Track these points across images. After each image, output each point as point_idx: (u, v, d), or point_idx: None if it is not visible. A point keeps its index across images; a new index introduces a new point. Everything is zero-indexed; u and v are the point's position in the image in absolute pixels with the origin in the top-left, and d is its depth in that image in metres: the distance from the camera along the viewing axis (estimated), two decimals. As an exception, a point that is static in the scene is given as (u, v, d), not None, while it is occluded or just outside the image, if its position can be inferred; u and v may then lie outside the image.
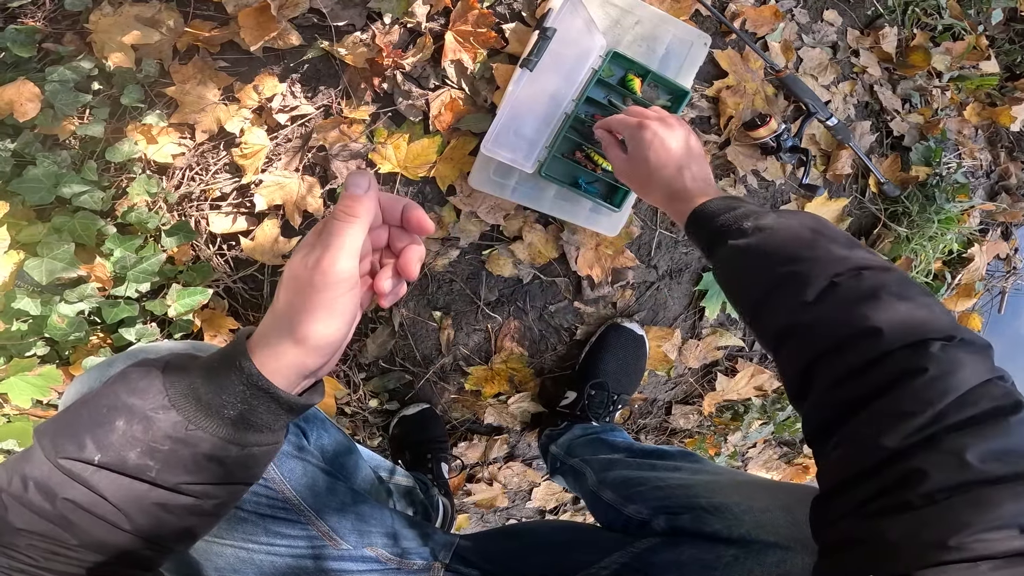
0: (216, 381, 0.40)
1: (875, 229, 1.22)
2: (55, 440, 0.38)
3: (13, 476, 0.38)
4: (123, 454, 0.38)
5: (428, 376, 1.11)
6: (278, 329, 0.40)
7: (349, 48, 0.87)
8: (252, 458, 0.42)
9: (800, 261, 0.50)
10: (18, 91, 0.77)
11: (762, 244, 0.54)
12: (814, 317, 0.46)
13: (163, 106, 0.88)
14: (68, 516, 0.37)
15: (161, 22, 0.81)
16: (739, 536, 0.54)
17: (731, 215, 0.60)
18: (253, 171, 0.90)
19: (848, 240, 0.53)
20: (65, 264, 0.86)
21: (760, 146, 1.06)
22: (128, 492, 0.38)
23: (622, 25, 0.90)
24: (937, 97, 1.19)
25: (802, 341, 0.47)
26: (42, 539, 0.38)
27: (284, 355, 0.40)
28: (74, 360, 0.95)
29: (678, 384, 1.25)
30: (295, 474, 0.61)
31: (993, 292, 1.40)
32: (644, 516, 0.66)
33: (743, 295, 0.57)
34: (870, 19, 1.15)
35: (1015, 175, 1.34)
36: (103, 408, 0.39)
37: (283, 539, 0.59)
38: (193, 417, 0.39)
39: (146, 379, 0.40)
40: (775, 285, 0.51)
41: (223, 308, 1.00)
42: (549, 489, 1.31)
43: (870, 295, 0.44)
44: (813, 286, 0.47)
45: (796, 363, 0.47)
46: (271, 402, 0.40)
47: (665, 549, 0.60)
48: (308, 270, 0.39)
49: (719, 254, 0.60)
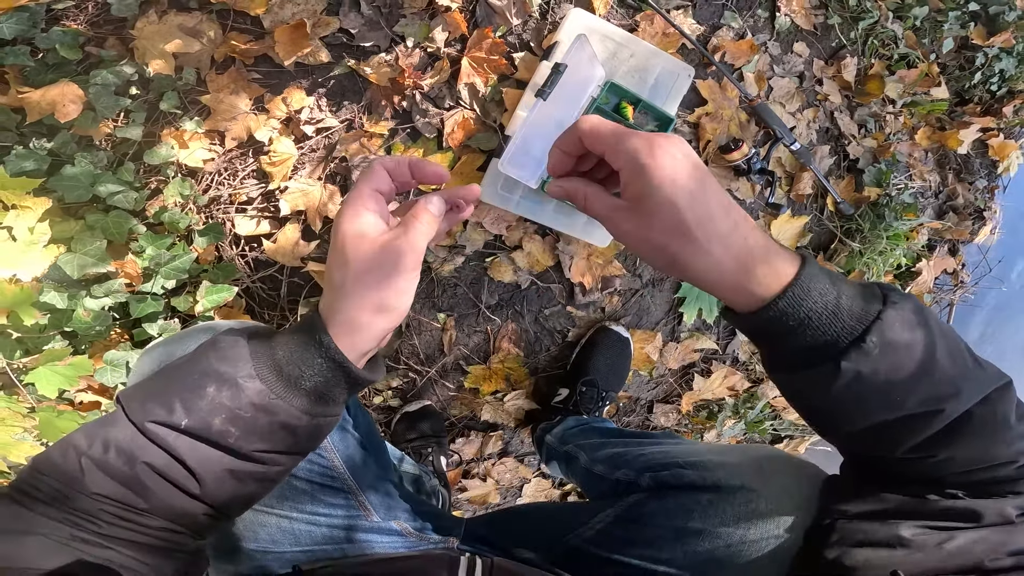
0: (298, 354, 0.42)
1: (832, 244, 1.36)
2: (144, 404, 0.40)
3: (95, 440, 0.40)
4: (209, 420, 0.40)
5: (430, 375, 1.19)
6: (355, 300, 0.42)
7: (374, 67, 0.96)
8: (318, 428, 0.45)
9: (929, 396, 0.40)
10: (62, 92, 0.82)
11: (888, 372, 0.39)
12: (948, 451, 0.42)
13: (197, 113, 0.95)
14: (143, 479, 0.39)
15: (202, 32, 0.88)
16: (712, 483, 0.61)
17: (845, 319, 0.40)
18: (281, 178, 0.97)
19: (959, 346, 0.43)
20: (96, 259, 0.91)
21: (733, 168, 1.19)
22: (206, 457, 0.40)
23: (618, 58, 1.02)
24: (890, 122, 1.35)
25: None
26: (113, 503, 0.39)
27: (363, 327, 0.42)
28: (92, 355, 0.98)
29: (659, 384, 1.35)
30: (341, 444, 0.65)
31: (942, 304, 1.56)
32: (631, 477, 0.72)
33: (842, 421, 0.44)
34: (834, 50, 1.30)
35: (962, 195, 1.49)
36: (195, 374, 0.41)
37: (326, 507, 0.63)
38: (275, 387, 0.41)
39: (235, 348, 0.42)
40: (898, 419, 0.41)
41: (240, 307, 1.05)
42: (538, 485, 1.38)
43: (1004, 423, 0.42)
44: (941, 421, 0.41)
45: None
46: (344, 376, 0.43)
47: (651, 500, 0.66)
48: (392, 244, 0.43)
49: (818, 372, 0.41)
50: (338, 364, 0.42)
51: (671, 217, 0.39)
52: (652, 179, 0.39)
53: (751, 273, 0.40)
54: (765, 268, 0.40)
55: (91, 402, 0.98)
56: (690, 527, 0.60)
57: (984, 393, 0.41)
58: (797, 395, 0.46)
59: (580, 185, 0.46)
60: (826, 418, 0.46)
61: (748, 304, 0.41)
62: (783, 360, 0.44)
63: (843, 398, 0.41)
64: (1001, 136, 1.52)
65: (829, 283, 0.40)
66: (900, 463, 0.44)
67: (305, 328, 0.43)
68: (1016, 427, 0.42)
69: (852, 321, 0.39)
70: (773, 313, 0.40)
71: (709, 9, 1.16)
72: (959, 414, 0.40)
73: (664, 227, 0.40)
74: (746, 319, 0.42)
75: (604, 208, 0.44)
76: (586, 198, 0.45)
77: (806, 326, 0.40)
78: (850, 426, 0.43)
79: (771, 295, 0.40)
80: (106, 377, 0.93)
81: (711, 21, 1.16)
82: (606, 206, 0.44)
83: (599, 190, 0.45)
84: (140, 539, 0.40)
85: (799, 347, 0.41)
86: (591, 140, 0.43)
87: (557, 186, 0.48)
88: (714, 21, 1.17)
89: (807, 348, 0.40)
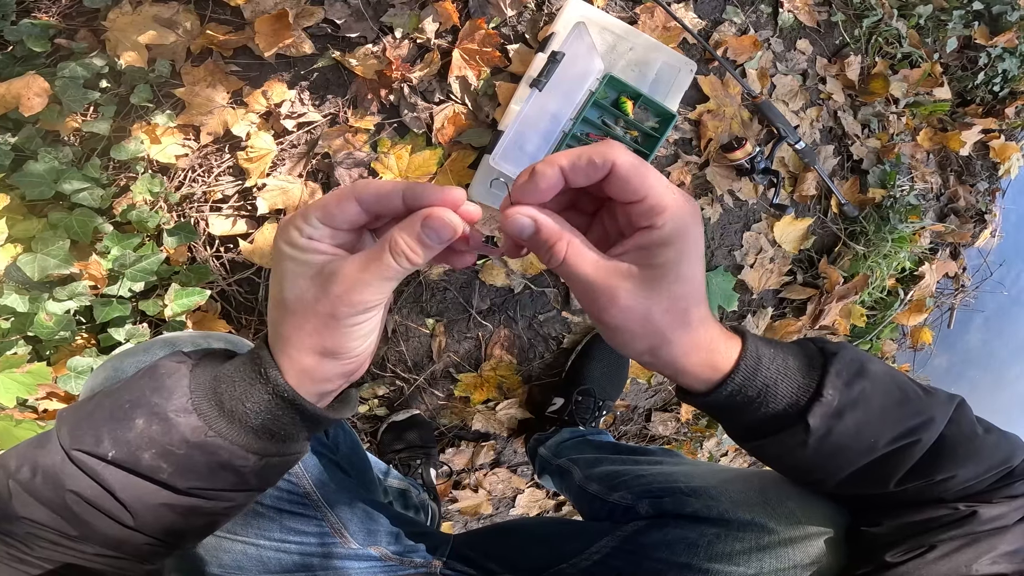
0: (242, 388, 0.37)
1: (836, 247, 1.32)
2: (73, 431, 0.37)
3: (23, 463, 0.37)
4: (137, 454, 0.36)
5: (419, 382, 1.13)
6: (295, 345, 0.36)
7: (360, 59, 0.91)
8: (270, 468, 0.40)
9: (902, 429, 0.41)
10: (27, 85, 0.77)
11: (854, 417, 0.40)
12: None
13: (170, 107, 0.89)
14: (72, 508, 0.36)
15: (178, 23, 0.83)
16: (718, 515, 0.57)
17: (799, 377, 0.40)
18: (258, 174, 0.91)
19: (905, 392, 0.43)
20: (59, 261, 0.85)
21: (736, 167, 1.14)
22: (137, 490, 0.37)
23: (617, 50, 0.97)
24: (893, 123, 1.31)
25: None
26: (43, 528, 0.37)
27: (312, 370, 0.36)
28: (55, 361, 0.93)
29: (657, 392, 1.30)
30: (315, 468, 0.61)
31: (943, 308, 1.53)
32: (628, 502, 0.67)
33: (826, 473, 0.44)
34: (837, 48, 1.27)
35: (963, 198, 1.47)
36: (125, 403, 0.37)
37: (296, 535, 0.59)
38: (214, 423, 0.37)
39: (174, 376, 0.38)
40: (878, 459, 0.41)
41: (216, 311, 1.00)
42: (532, 496, 1.33)
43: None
44: (920, 450, 0.41)
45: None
46: (296, 414, 0.38)
47: (652, 530, 0.62)
48: (335, 295, 0.34)
49: (789, 434, 0.41)
50: (287, 401, 0.37)
51: (683, 292, 0.35)
52: (687, 244, 0.34)
53: (713, 353, 0.39)
54: (721, 345, 0.39)
55: (55, 410, 0.93)
56: (694, 565, 0.55)
57: (948, 415, 0.42)
58: (776, 459, 0.45)
59: (564, 227, 0.34)
60: (809, 474, 0.45)
61: (705, 383, 0.40)
62: (750, 430, 0.43)
63: (820, 452, 0.41)
64: (1002, 138, 1.50)
65: (771, 348, 0.41)
66: (895, 495, 0.44)
67: (253, 358, 0.38)
68: (985, 437, 0.43)
69: (805, 379, 0.40)
70: (732, 388, 0.39)
71: (711, 3, 1.12)
72: (936, 439, 0.41)
73: (673, 304, 0.35)
74: (705, 398, 0.40)
75: (598, 269, 0.35)
76: (569, 248, 0.34)
77: (765, 394, 0.40)
78: (835, 476, 0.43)
79: (725, 371, 0.39)
80: (70, 384, 0.88)
81: (713, 16, 1.12)
82: (603, 267, 0.35)
83: (589, 244, 0.35)
84: (79, 562, 0.38)
85: (763, 415, 0.40)
86: (625, 180, 0.33)
87: (524, 216, 0.34)
88: (716, 16, 1.12)
89: (771, 415, 0.40)
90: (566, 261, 0.34)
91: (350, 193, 0.34)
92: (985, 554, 0.42)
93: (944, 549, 0.43)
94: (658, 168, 1.12)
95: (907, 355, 1.58)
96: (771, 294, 1.32)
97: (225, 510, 0.41)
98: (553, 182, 0.33)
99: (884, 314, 1.39)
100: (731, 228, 1.22)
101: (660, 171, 1.13)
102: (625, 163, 0.32)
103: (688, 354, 0.38)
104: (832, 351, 0.41)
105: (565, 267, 0.35)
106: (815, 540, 0.51)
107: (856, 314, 1.35)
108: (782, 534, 0.53)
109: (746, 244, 1.23)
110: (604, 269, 0.35)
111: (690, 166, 1.14)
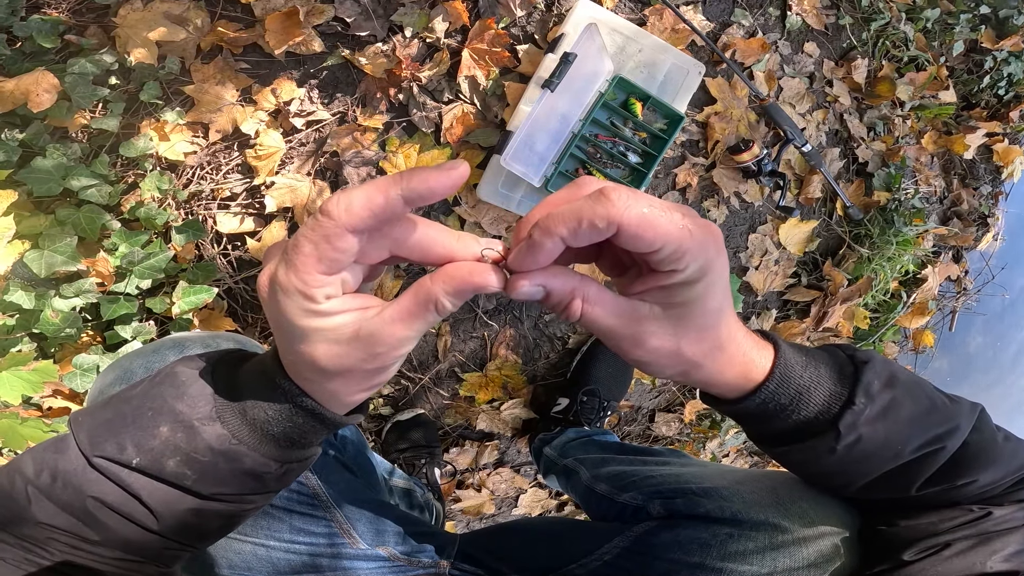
0: (262, 396, 0.37)
1: (840, 250, 1.32)
2: (93, 437, 0.37)
3: (43, 469, 0.37)
4: (162, 461, 0.36)
5: (423, 382, 1.13)
6: (350, 387, 0.35)
7: (369, 58, 0.90)
8: (290, 472, 0.41)
9: (928, 436, 0.41)
10: (36, 81, 0.76)
11: (883, 425, 0.40)
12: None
13: (179, 104, 0.89)
14: (95, 513, 0.36)
15: (189, 20, 0.82)
16: (731, 515, 0.57)
17: (830, 385, 0.41)
18: (267, 172, 0.91)
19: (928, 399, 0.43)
20: (66, 257, 0.85)
21: (742, 170, 1.14)
22: (163, 495, 0.37)
23: (626, 52, 0.97)
24: (899, 126, 1.31)
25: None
26: (63, 533, 0.37)
27: (349, 395, 0.36)
28: (60, 358, 0.93)
29: (661, 392, 1.31)
30: (323, 469, 0.62)
31: (945, 311, 1.54)
32: (639, 502, 0.67)
33: (849, 480, 0.45)
34: (844, 51, 1.27)
35: (966, 201, 1.47)
36: (148, 411, 0.37)
37: (305, 536, 0.59)
38: (237, 432, 0.37)
39: (196, 384, 0.38)
40: (902, 465, 0.42)
41: (222, 308, 0.99)
42: (535, 496, 1.33)
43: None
44: (944, 456, 0.42)
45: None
46: (315, 422, 0.37)
47: (663, 531, 0.61)
48: (381, 353, 0.32)
49: (819, 440, 0.41)
50: (307, 410, 0.36)
51: (712, 322, 0.34)
52: (712, 277, 0.32)
53: (747, 365, 0.38)
54: (754, 354, 0.39)
55: (60, 408, 0.92)
56: (707, 564, 0.55)
57: (972, 423, 0.43)
58: (799, 464, 0.46)
59: (575, 282, 0.32)
60: (831, 479, 0.46)
61: (737, 391, 0.39)
62: (777, 436, 0.43)
63: (847, 459, 0.41)
64: (1006, 141, 1.50)
65: (803, 356, 0.41)
66: (916, 499, 0.45)
67: (267, 368, 0.37)
68: (1004, 444, 0.44)
69: (837, 387, 0.40)
70: (765, 396, 0.39)
71: (719, 6, 1.12)
72: (959, 446, 0.42)
73: (701, 335, 0.34)
74: (735, 405, 0.40)
75: (620, 318, 0.33)
76: (585, 304, 0.33)
77: (798, 402, 0.40)
78: (858, 482, 0.44)
79: (758, 380, 0.39)
80: (75, 382, 0.87)
81: (721, 18, 1.12)
82: (625, 314, 0.33)
83: (605, 290, 0.33)
84: (97, 566, 0.38)
85: (794, 422, 0.41)
86: (635, 237, 0.29)
87: (531, 286, 0.32)
88: (724, 18, 1.12)
89: (801, 422, 0.41)
90: (584, 318, 0.33)
91: (340, 228, 0.29)
92: (999, 551, 0.42)
93: (959, 547, 0.43)
94: (665, 169, 1.12)
95: (909, 357, 1.58)
96: (775, 296, 1.32)
97: (244, 512, 0.42)
98: (553, 253, 0.31)
99: (887, 316, 1.39)
100: (737, 230, 1.22)
101: (667, 172, 1.14)
102: (632, 221, 0.29)
103: (723, 372, 0.37)
104: (863, 359, 0.41)
105: (584, 323, 0.33)
106: (828, 539, 0.51)
107: (859, 316, 1.35)
108: (795, 533, 0.53)
109: (751, 246, 1.23)
110: (626, 316, 0.33)
111: (697, 168, 1.14)
